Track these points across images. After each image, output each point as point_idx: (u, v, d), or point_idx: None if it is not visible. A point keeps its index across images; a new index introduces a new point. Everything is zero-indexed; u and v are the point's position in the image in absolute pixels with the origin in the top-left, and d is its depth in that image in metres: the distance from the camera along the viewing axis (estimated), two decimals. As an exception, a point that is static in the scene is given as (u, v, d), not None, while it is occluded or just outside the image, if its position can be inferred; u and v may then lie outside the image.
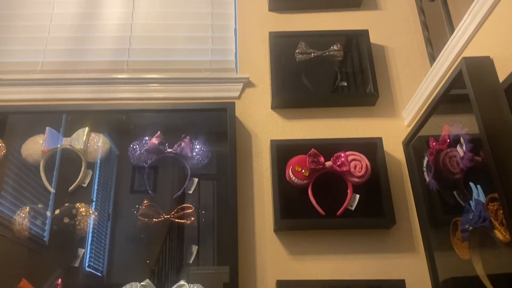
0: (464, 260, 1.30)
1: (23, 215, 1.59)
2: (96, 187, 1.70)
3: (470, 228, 1.24)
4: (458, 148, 1.32)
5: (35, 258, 1.63)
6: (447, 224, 1.39)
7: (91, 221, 1.61)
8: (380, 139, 1.71)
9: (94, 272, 1.61)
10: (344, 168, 1.61)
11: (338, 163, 1.62)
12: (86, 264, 1.58)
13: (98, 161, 1.74)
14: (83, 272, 1.57)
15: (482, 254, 1.24)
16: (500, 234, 1.12)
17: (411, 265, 1.57)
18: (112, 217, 1.69)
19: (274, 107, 1.85)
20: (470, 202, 1.25)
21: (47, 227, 1.60)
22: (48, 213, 1.62)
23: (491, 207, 1.15)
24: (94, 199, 1.67)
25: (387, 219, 1.58)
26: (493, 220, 1.14)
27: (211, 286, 1.49)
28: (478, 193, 1.21)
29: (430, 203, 1.57)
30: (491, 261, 1.23)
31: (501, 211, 1.09)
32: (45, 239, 1.61)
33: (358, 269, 1.56)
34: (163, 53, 1.99)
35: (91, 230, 1.61)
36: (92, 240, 1.61)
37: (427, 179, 1.54)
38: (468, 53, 1.40)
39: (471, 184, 1.24)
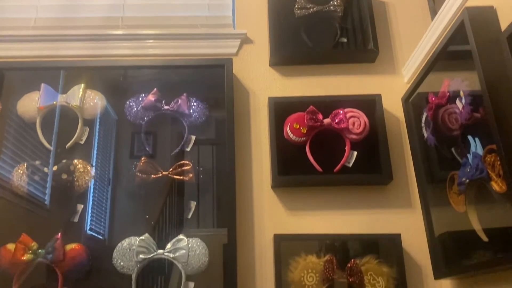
0: (460, 213, 1.31)
1: (21, 172, 1.60)
2: (96, 151, 1.69)
3: (467, 181, 1.25)
4: (458, 102, 1.31)
5: (35, 215, 1.65)
6: (444, 180, 1.40)
7: (91, 179, 1.61)
8: (379, 96, 1.70)
9: (96, 235, 1.62)
10: (342, 125, 1.60)
11: (336, 120, 1.61)
12: (88, 228, 1.59)
13: (97, 124, 1.71)
14: (85, 235, 1.58)
15: (478, 207, 1.25)
16: (496, 185, 1.12)
17: (408, 220, 1.59)
18: (112, 181, 1.69)
19: (272, 64, 1.82)
20: (468, 155, 1.24)
21: (48, 190, 1.60)
22: (46, 169, 1.62)
23: (489, 159, 1.15)
24: (94, 164, 1.66)
25: (384, 175, 1.59)
26: (490, 172, 1.14)
27: (210, 247, 1.49)
28: (475, 145, 1.21)
29: (427, 159, 1.57)
30: (487, 214, 1.24)
31: (499, 163, 1.09)
32: (46, 199, 1.61)
33: (354, 224, 1.58)
34: (159, 9, 1.94)
35: (91, 194, 1.62)
36: (93, 204, 1.62)
37: (425, 134, 1.53)
38: (470, 4, 1.37)
39: (469, 137, 1.24)
